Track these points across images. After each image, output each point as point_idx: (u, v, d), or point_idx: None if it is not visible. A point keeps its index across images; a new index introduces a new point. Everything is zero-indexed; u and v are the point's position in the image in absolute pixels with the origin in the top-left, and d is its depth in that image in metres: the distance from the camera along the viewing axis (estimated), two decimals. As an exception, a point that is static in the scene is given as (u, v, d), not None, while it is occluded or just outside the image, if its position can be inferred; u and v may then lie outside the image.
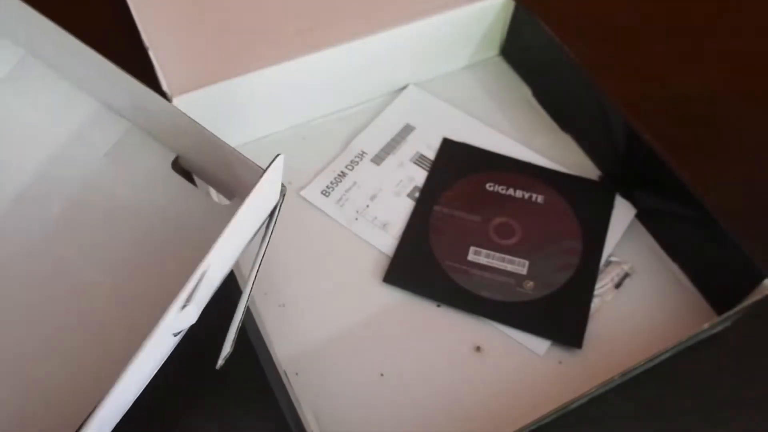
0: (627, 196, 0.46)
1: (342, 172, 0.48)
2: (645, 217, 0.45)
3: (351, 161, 0.48)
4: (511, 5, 0.50)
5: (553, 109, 0.51)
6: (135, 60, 0.46)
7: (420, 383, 0.39)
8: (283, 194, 0.35)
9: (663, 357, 0.39)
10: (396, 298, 0.42)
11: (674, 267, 0.44)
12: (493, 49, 0.54)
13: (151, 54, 0.45)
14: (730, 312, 0.38)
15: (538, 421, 0.34)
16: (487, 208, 0.45)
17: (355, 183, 0.47)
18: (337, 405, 0.38)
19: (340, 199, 0.46)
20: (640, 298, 0.42)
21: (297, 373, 0.39)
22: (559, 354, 0.40)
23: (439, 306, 0.42)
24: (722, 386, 0.40)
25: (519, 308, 0.41)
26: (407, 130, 0.50)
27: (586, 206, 0.45)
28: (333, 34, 0.47)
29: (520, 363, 0.40)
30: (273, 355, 0.36)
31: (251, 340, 0.36)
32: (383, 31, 0.47)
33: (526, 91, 0.52)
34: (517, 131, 0.50)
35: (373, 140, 0.49)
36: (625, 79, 0.54)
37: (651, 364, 0.38)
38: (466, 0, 0.49)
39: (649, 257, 0.44)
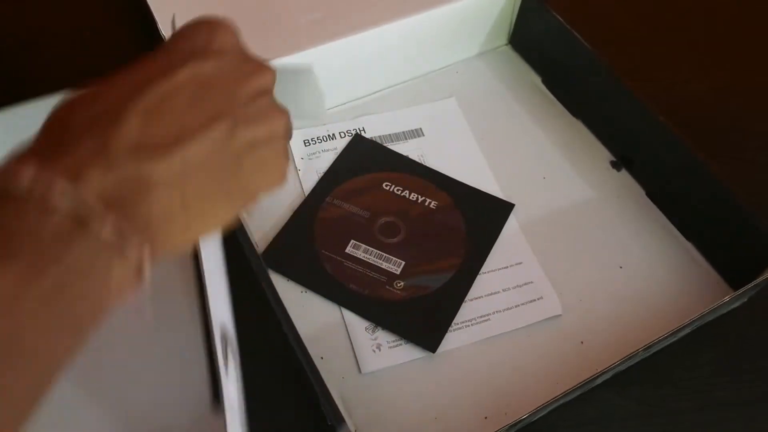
0: (638, 178, 0.47)
1: (333, 134, 0.49)
2: (657, 197, 0.46)
3: (347, 131, 0.49)
4: (519, -6, 0.51)
5: (564, 96, 0.51)
6: (148, 47, 0.46)
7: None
8: None
9: (684, 332, 0.39)
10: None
11: (689, 245, 0.44)
12: (502, 39, 0.55)
13: (168, 44, 0.45)
14: (748, 285, 0.38)
15: (560, 396, 0.35)
16: (377, 206, 0.45)
17: (335, 148, 0.48)
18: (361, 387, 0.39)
19: (313, 153, 0.48)
20: (654, 276, 0.43)
21: (322, 357, 0.39)
22: (581, 334, 0.41)
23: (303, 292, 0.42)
24: (722, 387, 0.40)
25: (383, 305, 0.41)
26: (416, 133, 0.49)
27: (478, 219, 0.45)
28: (343, 25, 0.47)
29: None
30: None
31: (282, 325, 0.36)
32: (392, 21, 0.48)
33: (535, 79, 0.53)
34: (528, 116, 0.51)
35: (378, 125, 0.50)
36: (635, 60, 0.55)
37: (672, 339, 0.39)
38: (475, -11, 0.50)
39: (663, 236, 0.45)
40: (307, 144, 0.48)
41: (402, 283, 0.42)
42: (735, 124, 0.53)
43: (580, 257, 0.44)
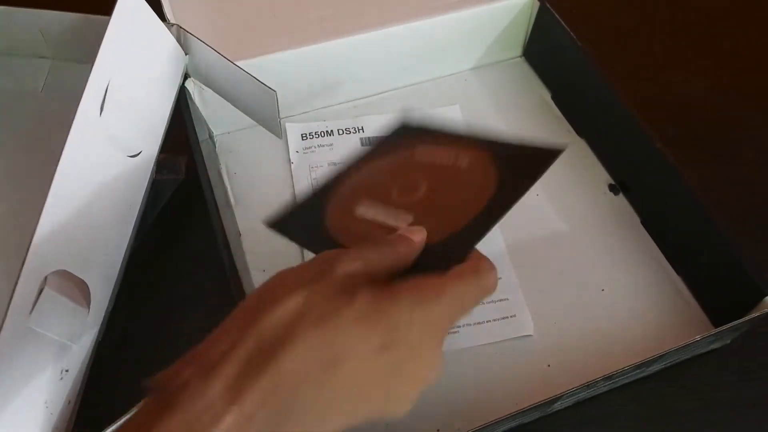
0: (635, 205, 0.46)
1: (331, 131, 0.49)
2: (652, 227, 0.45)
3: (345, 128, 0.49)
4: (536, 6, 0.50)
5: (571, 113, 0.50)
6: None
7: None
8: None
9: (654, 367, 0.38)
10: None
11: (677, 279, 0.43)
12: (516, 50, 0.54)
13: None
14: (725, 327, 0.37)
15: (515, 414, 0.34)
16: (401, 171, 0.39)
17: (331, 145, 0.48)
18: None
19: (308, 148, 0.48)
20: (636, 308, 0.42)
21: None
22: (549, 357, 0.40)
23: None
24: (724, 387, 0.40)
25: None
26: None
27: (511, 172, 0.36)
28: (351, 23, 0.47)
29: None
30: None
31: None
32: (402, 23, 0.48)
33: (545, 94, 0.52)
34: (532, 130, 0.50)
35: (378, 125, 0.49)
36: (645, 86, 0.53)
37: (638, 372, 0.38)
38: (488, -3, 0.49)
39: (652, 268, 0.43)
40: (304, 138, 0.48)
41: None
42: (734, 123, 0.51)
43: (562, 279, 0.43)
